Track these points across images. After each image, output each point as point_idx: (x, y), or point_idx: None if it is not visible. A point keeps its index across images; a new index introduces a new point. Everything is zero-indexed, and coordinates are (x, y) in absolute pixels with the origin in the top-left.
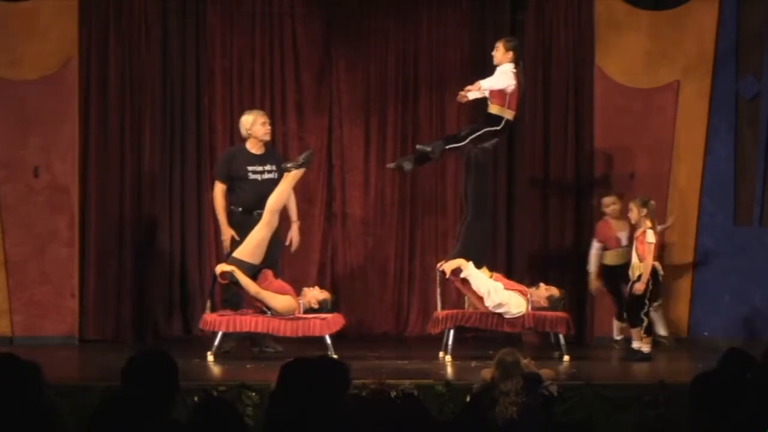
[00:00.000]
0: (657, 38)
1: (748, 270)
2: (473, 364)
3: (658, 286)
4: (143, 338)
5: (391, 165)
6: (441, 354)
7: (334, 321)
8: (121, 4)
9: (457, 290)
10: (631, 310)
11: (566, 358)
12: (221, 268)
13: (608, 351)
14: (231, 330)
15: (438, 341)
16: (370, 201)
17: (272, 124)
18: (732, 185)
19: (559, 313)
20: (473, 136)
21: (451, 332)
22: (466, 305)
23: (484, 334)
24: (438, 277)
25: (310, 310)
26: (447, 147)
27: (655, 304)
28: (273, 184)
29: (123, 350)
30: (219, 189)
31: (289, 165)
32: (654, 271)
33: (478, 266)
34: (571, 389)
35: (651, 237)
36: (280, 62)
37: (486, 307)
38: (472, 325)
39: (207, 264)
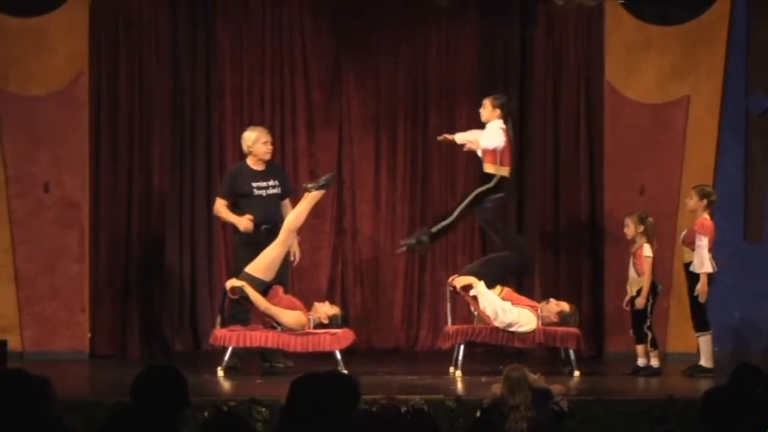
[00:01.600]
0: (667, 53)
1: (758, 285)
2: (483, 379)
3: (656, 300)
4: (153, 353)
5: (401, 250)
6: (451, 369)
7: (344, 336)
8: (131, 20)
9: (468, 305)
10: (635, 325)
11: (576, 373)
12: (231, 283)
13: (618, 366)
14: (241, 345)
15: (448, 356)
16: (381, 216)
17: (275, 142)
18: (742, 201)
19: (570, 329)
20: (461, 208)
21: (462, 347)
22: (476, 320)
23: (494, 349)
24: (448, 292)
25: (320, 325)
26: (435, 230)
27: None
28: (278, 199)
29: (132, 365)
30: (220, 204)
31: (309, 185)
32: (653, 286)
33: (490, 286)
34: (582, 404)
35: (648, 251)
36: (290, 78)
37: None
38: (483, 340)
39: (217, 279)
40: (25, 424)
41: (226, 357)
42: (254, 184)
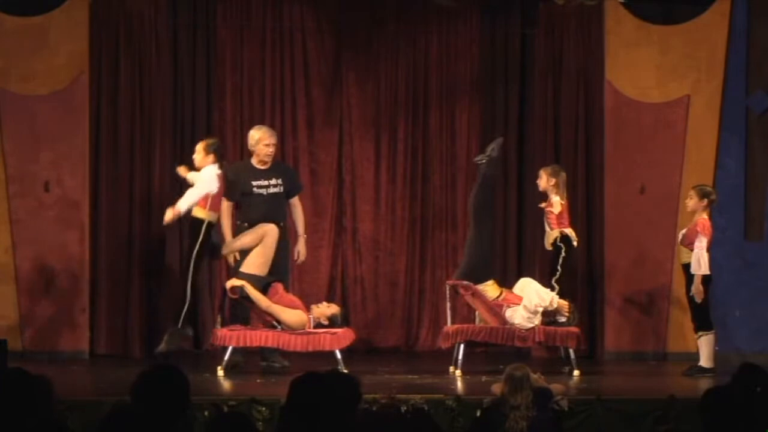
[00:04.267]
0: (667, 52)
1: (758, 284)
2: (483, 378)
3: (570, 252)
4: (153, 353)
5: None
6: (451, 368)
7: (345, 336)
8: (132, 19)
9: (468, 305)
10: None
11: (576, 372)
12: (231, 283)
13: (618, 366)
14: (242, 345)
15: (448, 356)
16: (381, 215)
17: (281, 141)
18: (742, 200)
19: (570, 328)
20: (190, 282)
21: (461, 347)
22: (477, 320)
23: (494, 348)
24: (448, 292)
25: (319, 325)
26: (181, 324)
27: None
28: (278, 197)
29: (133, 365)
30: (224, 206)
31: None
32: (565, 237)
33: (485, 279)
34: (582, 404)
35: (557, 206)
36: (290, 77)
37: (497, 322)
38: (483, 340)
39: (217, 279)
40: (25, 423)
41: (226, 356)
42: (254, 183)
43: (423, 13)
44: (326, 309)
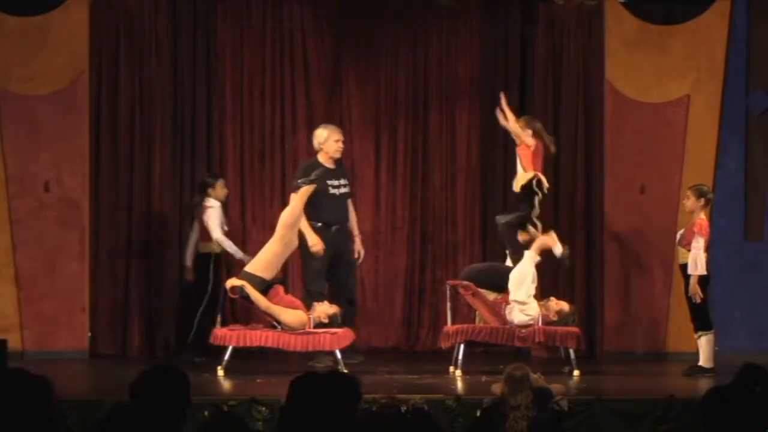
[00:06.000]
0: (667, 53)
1: (758, 284)
2: (483, 378)
3: (541, 190)
4: (153, 353)
5: None
6: (451, 368)
7: (344, 335)
8: (132, 19)
9: (468, 305)
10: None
11: (576, 372)
12: (231, 282)
13: (618, 366)
14: (241, 345)
15: (448, 356)
16: (381, 215)
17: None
18: (742, 200)
19: (570, 328)
20: None
21: (462, 347)
22: (477, 320)
23: (494, 348)
24: (448, 292)
25: (320, 324)
26: None
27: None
28: (347, 198)
29: (133, 365)
30: (303, 198)
31: (300, 181)
32: (541, 183)
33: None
34: (582, 404)
35: (531, 141)
36: (290, 77)
37: (497, 322)
38: (483, 340)
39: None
40: (25, 423)
41: (226, 356)
42: (329, 183)
43: (423, 13)
44: (327, 308)
